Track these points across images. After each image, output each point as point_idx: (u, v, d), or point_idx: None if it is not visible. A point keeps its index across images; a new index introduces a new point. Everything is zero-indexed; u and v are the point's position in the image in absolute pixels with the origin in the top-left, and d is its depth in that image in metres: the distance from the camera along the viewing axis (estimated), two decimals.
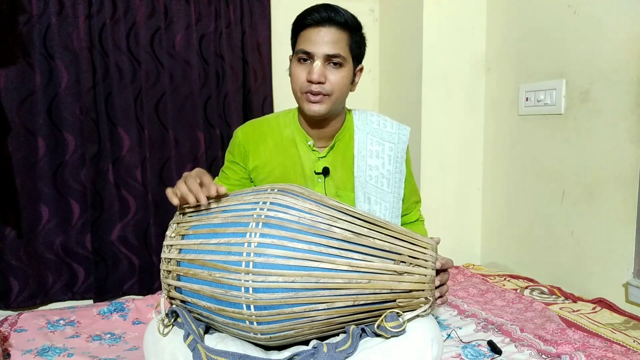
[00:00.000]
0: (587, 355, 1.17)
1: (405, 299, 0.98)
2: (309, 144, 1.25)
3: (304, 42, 1.14)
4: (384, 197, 1.26)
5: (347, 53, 1.15)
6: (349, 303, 0.95)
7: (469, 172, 2.23)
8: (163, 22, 2.00)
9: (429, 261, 1.00)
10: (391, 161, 1.27)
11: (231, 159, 1.31)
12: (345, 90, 1.18)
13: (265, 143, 1.26)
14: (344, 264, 0.95)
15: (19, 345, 1.39)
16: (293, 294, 0.93)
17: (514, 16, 2.02)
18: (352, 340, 0.96)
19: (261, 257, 0.94)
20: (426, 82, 2.12)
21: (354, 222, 1.00)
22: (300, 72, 1.15)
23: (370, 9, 2.41)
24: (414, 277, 0.98)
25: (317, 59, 1.13)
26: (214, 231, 0.99)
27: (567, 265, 1.80)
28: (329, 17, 1.12)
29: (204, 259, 0.97)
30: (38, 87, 1.87)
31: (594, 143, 1.67)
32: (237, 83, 2.13)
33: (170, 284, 1.02)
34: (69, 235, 1.96)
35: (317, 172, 1.25)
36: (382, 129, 1.29)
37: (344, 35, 1.14)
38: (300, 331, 0.98)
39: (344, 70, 1.15)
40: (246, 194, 1.05)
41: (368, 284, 0.95)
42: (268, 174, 1.26)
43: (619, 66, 1.57)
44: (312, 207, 1.00)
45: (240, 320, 0.97)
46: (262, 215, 0.97)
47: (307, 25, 1.14)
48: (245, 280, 0.93)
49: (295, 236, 0.95)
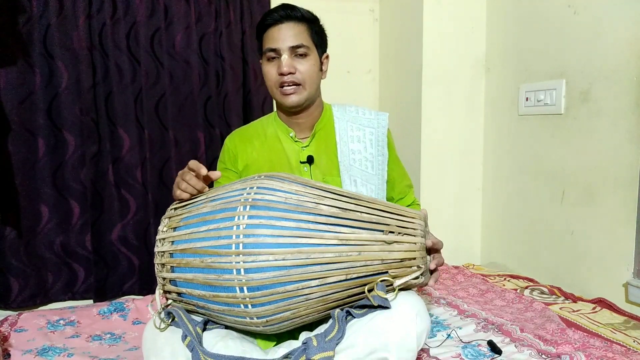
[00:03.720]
0: (587, 355, 1.17)
1: (397, 269, 0.99)
2: (290, 136, 1.31)
3: (269, 41, 1.24)
4: (369, 180, 1.31)
5: (310, 42, 1.25)
6: (341, 277, 0.96)
7: (469, 172, 2.23)
8: (163, 22, 2.00)
9: (418, 229, 1.01)
10: (373, 145, 1.32)
11: (223, 167, 1.37)
12: (315, 78, 1.27)
13: (252, 144, 1.33)
14: (333, 238, 0.96)
15: (19, 345, 1.39)
16: (285, 272, 0.94)
17: (514, 16, 2.02)
18: (338, 325, 0.97)
19: (250, 237, 0.95)
20: (426, 82, 2.12)
21: (340, 199, 1.02)
22: (271, 69, 1.24)
23: (370, 9, 2.41)
24: (403, 245, 0.99)
25: (284, 52, 1.22)
26: (204, 219, 1.01)
27: (567, 265, 1.80)
28: (287, 14, 1.23)
29: (195, 247, 0.99)
30: (38, 87, 1.87)
31: (594, 143, 1.67)
32: (237, 83, 2.13)
33: (165, 277, 1.03)
34: (69, 235, 1.96)
35: (302, 161, 1.30)
36: (362, 116, 1.35)
37: (303, 27, 1.24)
38: (296, 311, 0.98)
39: (311, 59, 1.25)
40: (234, 184, 1.08)
41: (359, 256, 0.96)
42: (256, 170, 1.30)
43: (619, 66, 1.57)
44: (299, 188, 1.02)
45: (235, 304, 0.97)
46: (249, 199, 0.99)
47: (268, 25, 1.24)
48: (236, 262, 0.94)
49: (283, 215, 0.97)
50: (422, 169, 2.15)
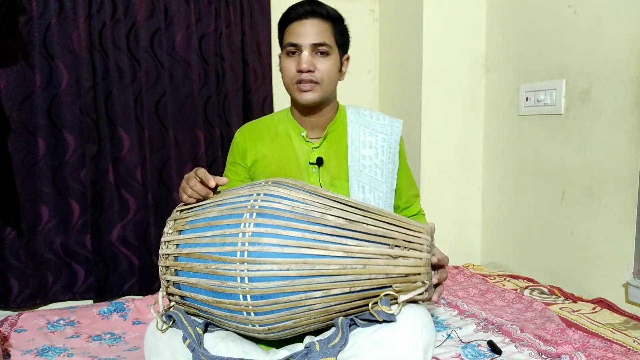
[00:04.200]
0: (587, 356, 1.17)
1: (401, 283, 0.98)
2: (302, 135, 1.29)
3: (291, 36, 1.20)
4: (377, 187, 1.29)
5: (333, 42, 1.22)
6: (345, 289, 0.96)
7: (469, 172, 2.23)
8: (163, 22, 2.00)
9: (424, 245, 1.00)
10: (384, 152, 1.30)
11: (232, 160, 1.35)
12: (334, 78, 1.24)
13: (262, 140, 1.31)
14: (338, 250, 0.95)
15: (19, 345, 1.39)
16: (289, 282, 0.94)
17: (514, 16, 2.02)
18: (342, 333, 0.96)
19: (255, 246, 0.95)
20: (426, 82, 2.12)
21: (347, 209, 1.01)
22: (290, 65, 1.21)
23: (370, 9, 2.41)
24: (409, 260, 0.98)
25: (305, 49, 1.19)
26: (210, 224, 1.00)
27: (567, 265, 1.80)
28: (312, 10, 1.19)
29: (200, 252, 0.98)
30: (38, 88, 1.87)
31: (594, 143, 1.67)
32: (237, 83, 2.13)
33: (169, 279, 1.02)
34: (69, 235, 1.96)
35: (311, 162, 1.28)
36: (375, 121, 1.33)
37: (327, 26, 1.21)
38: (299, 321, 0.98)
39: (331, 58, 1.21)
40: (241, 189, 1.07)
41: (363, 269, 0.95)
42: (264, 167, 1.29)
43: (619, 66, 1.57)
44: (306, 196, 1.01)
45: (237, 311, 0.97)
46: (255, 206, 0.98)
47: (292, 19, 1.21)
48: (240, 270, 0.94)
49: (289, 224, 0.96)
50: (422, 168, 2.15)
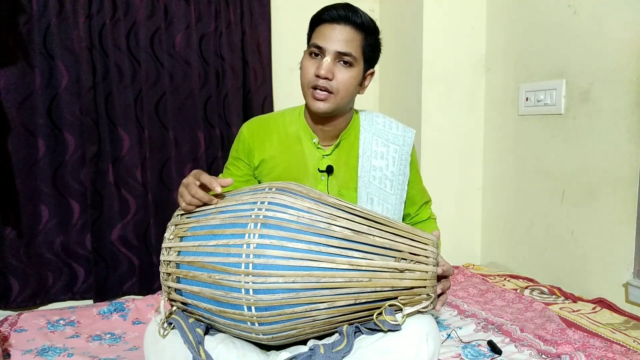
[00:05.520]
0: (587, 355, 1.17)
1: (406, 296, 0.97)
2: (314, 142, 1.25)
3: (318, 37, 1.14)
4: (386, 199, 1.26)
5: (359, 54, 1.15)
6: (350, 302, 0.95)
7: (469, 172, 2.23)
8: (163, 22, 2.00)
9: (430, 257, 0.99)
10: (395, 163, 1.27)
11: (235, 155, 1.30)
12: (351, 91, 1.17)
13: (271, 140, 1.26)
14: (344, 262, 0.94)
15: (19, 345, 1.39)
16: (294, 294, 0.93)
17: (514, 16, 2.02)
18: (347, 340, 0.96)
19: (261, 258, 0.93)
20: (426, 82, 2.12)
21: (354, 219, 0.99)
22: (309, 66, 1.15)
23: (370, 9, 2.40)
24: (415, 274, 0.97)
25: (328, 54, 1.13)
26: (213, 232, 0.99)
27: (567, 265, 1.80)
28: (346, 16, 1.12)
29: (203, 261, 0.97)
30: (38, 87, 1.87)
31: (594, 143, 1.67)
32: (237, 83, 2.13)
33: (170, 286, 1.01)
34: (69, 235, 1.96)
35: (320, 169, 1.24)
36: (388, 131, 1.29)
37: (358, 36, 1.14)
38: (302, 330, 0.98)
39: (354, 70, 1.15)
40: (244, 194, 1.04)
41: (369, 282, 0.95)
42: (271, 169, 1.25)
43: (619, 66, 1.57)
44: (311, 205, 0.99)
45: (241, 321, 0.96)
46: (260, 216, 0.96)
47: (324, 20, 1.14)
48: (245, 282, 0.93)
49: (295, 236, 0.95)
50: (422, 168, 2.15)
